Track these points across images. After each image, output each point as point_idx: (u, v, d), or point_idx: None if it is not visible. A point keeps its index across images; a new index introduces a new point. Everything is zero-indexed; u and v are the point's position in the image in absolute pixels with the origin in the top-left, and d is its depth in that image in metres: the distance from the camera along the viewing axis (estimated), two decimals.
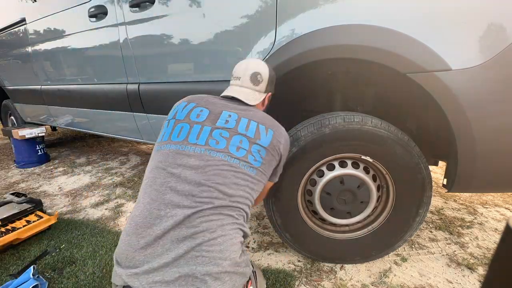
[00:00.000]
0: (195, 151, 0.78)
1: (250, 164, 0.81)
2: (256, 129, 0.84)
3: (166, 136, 0.85)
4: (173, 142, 0.82)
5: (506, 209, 1.80)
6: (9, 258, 1.37)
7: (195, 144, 0.80)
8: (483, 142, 0.90)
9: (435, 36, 0.87)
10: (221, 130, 0.82)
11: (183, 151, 0.79)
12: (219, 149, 0.79)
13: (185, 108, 0.89)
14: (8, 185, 2.39)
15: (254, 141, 0.82)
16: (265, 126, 0.86)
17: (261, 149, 0.83)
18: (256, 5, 1.13)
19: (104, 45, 1.77)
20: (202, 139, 0.80)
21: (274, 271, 1.23)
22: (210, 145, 0.79)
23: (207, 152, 0.78)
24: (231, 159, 0.78)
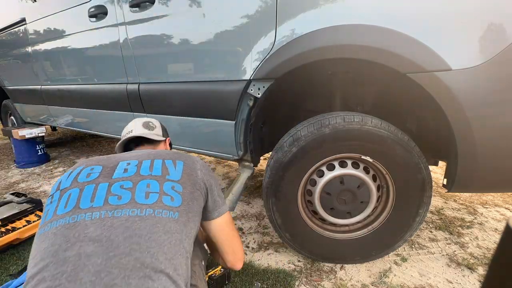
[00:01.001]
0: (92, 218, 0.59)
1: (168, 207, 0.64)
2: (161, 166, 0.71)
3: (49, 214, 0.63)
4: (59, 215, 0.61)
5: (506, 209, 1.80)
6: (9, 258, 1.37)
7: (90, 209, 0.60)
8: (483, 142, 0.90)
9: (435, 36, 0.87)
10: (121, 182, 0.65)
11: (76, 222, 0.58)
12: (123, 205, 0.61)
13: (71, 175, 0.70)
14: (8, 185, 2.39)
15: (164, 179, 0.68)
16: (171, 160, 0.74)
17: (174, 184, 0.68)
18: (256, 5, 1.13)
19: (104, 45, 1.77)
20: (99, 199, 0.62)
21: (274, 271, 1.23)
22: (111, 203, 0.61)
23: (108, 213, 0.59)
24: (141, 211, 0.61)
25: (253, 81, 1.21)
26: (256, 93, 1.22)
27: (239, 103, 1.27)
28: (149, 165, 0.71)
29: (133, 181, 0.66)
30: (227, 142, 1.39)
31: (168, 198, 0.65)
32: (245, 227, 1.61)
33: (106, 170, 0.69)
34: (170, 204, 0.64)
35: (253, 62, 1.19)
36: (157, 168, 0.70)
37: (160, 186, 0.66)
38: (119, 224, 0.58)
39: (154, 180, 0.67)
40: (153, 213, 0.61)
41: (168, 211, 0.63)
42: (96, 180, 0.66)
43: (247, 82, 1.22)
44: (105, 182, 0.66)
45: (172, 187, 0.68)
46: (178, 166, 0.73)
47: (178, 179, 0.70)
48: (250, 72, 1.20)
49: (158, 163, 0.72)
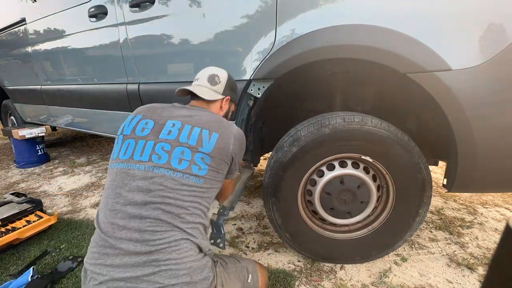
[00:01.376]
0: (140, 169, 0.77)
1: (195, 175, 0.79)
2: (198, 135, 0.81)
3: (115, 153, 0.84)
4: (120, 160, 0.81)
5: (506, 209, 1.80)
6: (9, 258, 1.37)
7: (139, 161, 0.79)
8: (483, 142, 0.90)
9: (435, 36, 0.87)
10: (163, 144, 0.80)
11: (129, 169, 0.78)
12: (161, 164, 0.77)
13: (132, 121, 0.87)
14: (8, 185, 2.39)
15: (196, 149, 0.80)
16: (208, 131, 0.83)
17: (204, 156, 0.80)
18: (256, 5, 1.13)
19: (104, 45, 1.77)
20: (146, 155, 0.79)
21: (274, 271, 1.23)
22: (153, 161, 0.78)
23: (150, 168, 0.77)
24: (174, 173, 0.77)
25: (253, 81, 1.21)
26: (256, 93, 1.22)
27: (239, 103, 1.27)
28: (188, 132, 0.82)
29: (171, 145, 0.80)
30: None
31: (196, 168, 0.79)
32: (245, 227, 1.61)
33: (156, 128, 0.83)
34: (197, 172, 0.79)
35: (253, 62, 1.19)
36: (193, 138, 0.81)
37: (192, 156, 0.79)
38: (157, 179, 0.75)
39: (188, 149, 0.79)
40: (183, 177, 0.77)
41: (195, 177, 0.79)
42: (147, 137, 0.82)
43: (247, 82, 1.22)
44: (152, 140, 0.81)
45: (202, 158, 0.80)
46: (212, 139, 0.82)
47: (209, 151, 0.81)
48: (250, 72, 1.20)
49: (197, 131, 0.82)
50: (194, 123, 0.83)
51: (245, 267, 0.91)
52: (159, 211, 0.73)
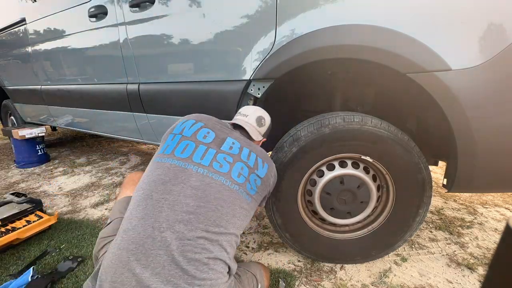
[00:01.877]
0: (198, 171, 0.77)
1: (247, 192, 0.82)
2: (255, 160, 0.87)
3: (169, 149, 0.83)
4: (176, 157, 0.80)
5: (506, 209, 1.80)
6: (9, 258, 1.37)
7: (199, 164, 0.79)
8: (483, 142, 0.90)
9: (435, 36, 0.87)
10: (225, 155, 0.83)
11: (186, 169, 0.77)
12: (221, 173, 0.79)
13: (193, 126, 0.89)
14: (8, 185, 2.39)
15: (252, 171, 0.85)
16: (262, 159, 0.90)
17: (257, 179, 0.86)
18: (256, 5, 1.13)
19: (104, 45, 1.77)
20: (207, 160, 0.80)
21: (274, 271, 1.23)
22: (214, 167, 0.79)
23: (209, 174, 0.77)
24: (232, 185, 0.79)
25: (253, 81, 1.21)
26: (256, 93, 1.22)
27: (239, 103, 1.27)
28: (247, 154, 0.87)
29: (233, 159, 0.83)
30: None
31: (249, 186, 0.84)
32: (245, 227, 1.61)
33: (217, 140, 0.87)
34: (249, 190, 0.83)
35: (253, 62, 1.19)
36: (252, 160, 0.87)
37: (249, 174, 0.84)
38: (214, 186, 0.76)
39: (247, 167, 0.84)
40: (238, 190, 0.80)
41: (246, 194, 0.82)
42: (209, 145, 0.84)
43: (247, 82, 1.22)
44: (214, 149, 0.84)
45: (255, 180, 0.86)
46: (265, 167, 0.90)
47: (262, 176, 0.88)
48: (250, 72, 1.20)
49: (253, 156, 0.88)
50: (251, 149, 0.89)
51: (254, 276, 0.93)
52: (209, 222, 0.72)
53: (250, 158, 0.87)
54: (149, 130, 1.79)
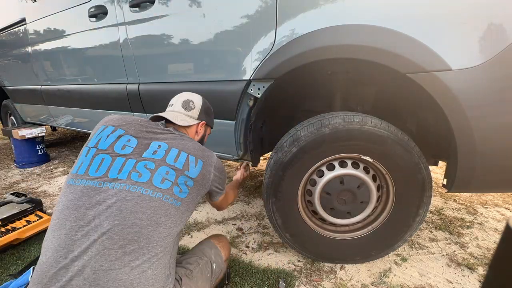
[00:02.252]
0: (115, 187, 0.71)
1: (175, 196, 0.76)
2: (185, 160, 0.81)
3: (82, 168, 0.76)
4: (91, 177, 0.73)
5: (506, 209, 1.80)
6: (9, 258, 1.37)
7: (115, 180, 0.72)
8: (483, 142, 0.90)
9: (435, 36, 0.87)
10: (146, 162, 0.76)
11: (102, 188, 0.71)
12: (141, 183, 0.73)
13: (111, 136, 0.80)
14: (8, 185, 2.39)
15: (181, 173, 0.79)
16: (195, 157, 0.84)
17: (188, 180, 0.80)
18: (256, 5, 1.13)
19: (104, 45, 1.77)
20: (124, 173, 0.74)
21: (274, 271, 1.23)
22: (132, 179, 0.73)
23: (126, 187, 0.71)
24: (153, 193, 0.73)
25: (253, 81, 1.21)
26: (256, 93, 1.22)
27: (239, 103, 1.27)
28: (175, 155, 0.81)
29: (156, 164, 0.77)
30: (227, 142, 1.39)
31: (177, 190, 0.77)
32: (245, 227, 1.61)
33: (139, 147, 0.80)
34: (177, 194, 0.77)
35: (253, 62, 1.19)
36: (181, 161, 0.80)
37: (176, 178, 0.78)
38: (131, 199, 0.70)
39: (173, 170, 0.78)
40: (162, 197, 0.73)
41: (174, 199, 0.76)
42: (128, 155, 0.77)
43: (247, 82, 1.22)
44: (134, 158, 0.77)
45: (185, 181, 0.79)
46: (198, 165, 0.83)
47: (194, 177, 0.81)
48: (250, 72, 1.20)
49: (184, 156, 0.82)
50: (181, 148, 0.83)
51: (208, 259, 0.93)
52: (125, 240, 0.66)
53: (178, 159, 0.80)
54: None
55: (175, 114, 0.98)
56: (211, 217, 1.73)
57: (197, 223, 1.66)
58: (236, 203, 1.90)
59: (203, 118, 1.04)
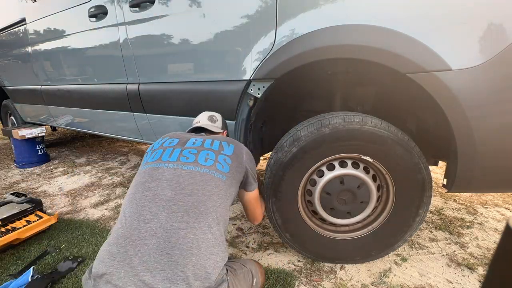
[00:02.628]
0: (169, 167, 0.87)
1: (219, 171, 0.89)
2: (219, 144, 0.98)
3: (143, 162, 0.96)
4: (149, 162, 0.93)
5: (506, 209, 1.80)
6: (9, 258, 1.37)
7: (167, 161, 0.90)
8: (483, 142, 0.90)
9: (435, 36, 0.87)
10: (189, 149, 0.94)
11: (158, 167, 0.88)
12: (189, 163, 0.88)
13: (159, 141, 1.02)
14: (8, 185, 2.39)
15: (219, 152, 0.94)
16: (227, 142, 1.00)
17: (226, 157, 0.94)
18: (256, 5, 1.13)
19: (104, 45, 1.77)
20: (174, 157, 0.91)
21: (274, 271, 1.23)
22: (181, 161, 0.89)
23: (178, 166, 0.87)
24: (201, 169, 0.87)
25: (253, 81, 1.21)
26: (256, 93, 1.22)
27: (239, 103, 1.27)
28: (210, 142, 0.98)
29: (197, 150, 0.93)
30: None
31: (220, 165, 0.91)
32: (245, 227, 1.61)
33: (181, 142, 0.99)
34: (221, 169, 0.90)
35: (253, 62, 1.19)
36: (216, 145, 0.97)
37: (216, 156, 0.92)
38: (185, 174, 0.85)
39: (212, 152, 0.94)
40: (209, 172, 0.87)
41: (219, 173, 0.89)
42: (174, 146, 0.96)
43: (247, 82, 1.22)
44: (179, 148, 0.95)
45: (224, 159, 0.93)
46: (230, 147, 0.99)
47: (230, 154, 0.96)
48: (250, 72, 1.20)
49: (217, 142, 0.98)
50: (214, 138, 1.01)
51: (250, 271, 0.93)
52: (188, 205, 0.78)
53: (213, 144, 0.97)
54: (149, 130, 1.79)
55: (207, 125, 1.16)
56: None
57: None
58: (236, 203, 1.90)
59: (224, 128, 1.23)
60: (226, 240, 1.48)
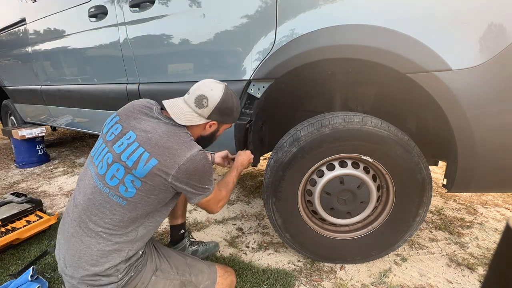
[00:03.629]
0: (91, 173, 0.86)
1: (120, 194, 0.80)
2: (138, 157, 0.79)
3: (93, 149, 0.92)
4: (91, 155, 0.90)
5: (506, 209, 1.80)
6: (9, 258, 1.37)
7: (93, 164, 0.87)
8: (483, 142, 0.90)
9: (435, 36, 0.87)
10: (109, 154, 0.83)
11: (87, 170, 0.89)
12: (99, 175, 0.83)
13: (110, 122, 0.91)
14: (8, 185, 2.39)
15: (130, 171, 0.79)
16: (149, 155, 0.79)
17: (135, 179, 0.79)
18: (256, 5, 1.13)
19: (104, 45, 1.77)
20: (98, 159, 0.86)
21: (274, 271, 1.23)
22: (98, 169, 0.84)
23: (93, 176, 0.84)
24: (103, 188, 0.81)
25: (253, 81, 1.21)
26: (256, 93, 1.22)
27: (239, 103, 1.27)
28: (131, 151, 0.81)
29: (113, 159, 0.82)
30: (227, 142, 1.39)
31: (123, 188, 0.80)
32: (245, 227, 1.61)
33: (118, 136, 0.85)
34: (123, 193, 0.80)
35: (253, 62, 1.19)
36: (132, 159, 0.80)
37: (124, 176, 0.80)
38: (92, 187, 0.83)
39: (123, 168, 0.81)
40: (108, 194, 0.81)
41: (119, 197, 0.80)
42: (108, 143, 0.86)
43: (247, 82, 1.22)
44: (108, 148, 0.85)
45: (132, 180, 0.80)
46: (149, 164, 0.79)
47: (141, 176, 0.80)
48: (250, 72, 1.20)
49: (139, 153, 0.80)
50: (142, 142, 0.81)
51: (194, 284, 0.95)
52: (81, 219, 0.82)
53: (132, 156, 0.79)
54: None
55: (182, 110, 0.90)
56: (211, 217, 1.73)
57: (197, 223, 1.66)
58: (236, 203, 1.90)
59: (215, 118, 0.93)
60: (226, 240, 1.48)
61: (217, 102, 0.91)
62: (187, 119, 0.89)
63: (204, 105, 0.90)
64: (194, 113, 0.90)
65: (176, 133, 0.85)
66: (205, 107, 0.90)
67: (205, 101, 0.90)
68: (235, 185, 1.11)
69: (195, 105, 0.90)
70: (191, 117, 0.90)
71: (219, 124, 0.97)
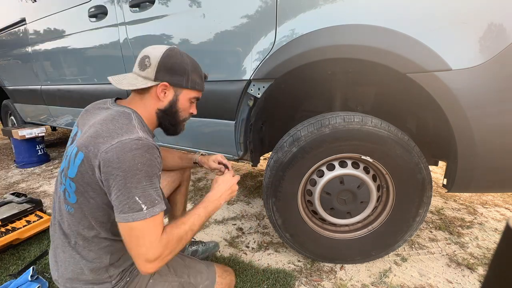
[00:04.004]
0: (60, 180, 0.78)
1: (68, 202, 0.71)
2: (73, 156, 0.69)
3: None
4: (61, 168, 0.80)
5: (506, 209, 1.80)
6: (9, 258, 1.37)
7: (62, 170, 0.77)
8: (483, 142, 0.90)
9: (435, 36, 0.87)
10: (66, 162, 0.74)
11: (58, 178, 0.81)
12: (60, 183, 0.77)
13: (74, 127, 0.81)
14: (8, 185, 2.39)
15: (66, 173, 0.71)
16: (77, 149, 0.68)
17: (71, 182, 0.69)
18: (256, 5, 1.13)
19: (104, 45, 1.77)
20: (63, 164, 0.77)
21: (274, 271, 1.23)
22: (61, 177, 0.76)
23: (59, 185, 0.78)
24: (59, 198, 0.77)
25: (253, 81, 1.21)
26: (256, 93, 1.22)
27: (239, 103, 1.27)
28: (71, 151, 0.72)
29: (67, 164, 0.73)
30: (227, 142, 1.39)
31: (67, 194, 0.72)
32: (245, 227, 1.61)
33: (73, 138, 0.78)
34: (68, 199, 0.72)
35: (253, 62, 1.19)
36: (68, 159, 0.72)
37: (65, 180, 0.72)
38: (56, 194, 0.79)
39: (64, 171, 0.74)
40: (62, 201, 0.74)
41: (67, 205, 0.73)
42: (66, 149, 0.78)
43: (247, 82, 1.22)
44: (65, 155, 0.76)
45: (70, 184, 0.70)
46: (76, 160, 0.67)
47: (72, 176, 0.69)
48: (250, 72, 1.20)
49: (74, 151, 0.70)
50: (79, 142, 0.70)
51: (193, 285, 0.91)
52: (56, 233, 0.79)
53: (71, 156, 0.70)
54: None
55: (124, 76, 0.80)
56: (211, 216, 1.73)
57: None
58: (236, 203, 1.90)
59: (164, 78, 0.77)
60: (226, 240, 1.48)
61: (160, 57, 0.77)
62: (129, 83, 0.77)
63: (147, 65, 0.77)
64: (138, 77, 0.78)
65: (114, 118, 0.70)
66: (149, 67, 0.77)
67: (147, 60, 0.78)
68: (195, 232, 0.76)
69: (139, 68, 0.79)
70: (135, 81, 0.77)
71: (174, 88, 0.81)
